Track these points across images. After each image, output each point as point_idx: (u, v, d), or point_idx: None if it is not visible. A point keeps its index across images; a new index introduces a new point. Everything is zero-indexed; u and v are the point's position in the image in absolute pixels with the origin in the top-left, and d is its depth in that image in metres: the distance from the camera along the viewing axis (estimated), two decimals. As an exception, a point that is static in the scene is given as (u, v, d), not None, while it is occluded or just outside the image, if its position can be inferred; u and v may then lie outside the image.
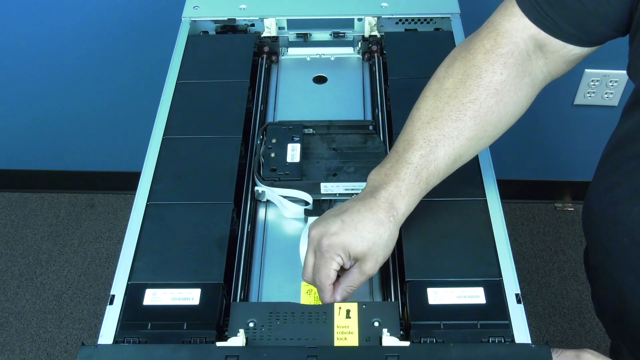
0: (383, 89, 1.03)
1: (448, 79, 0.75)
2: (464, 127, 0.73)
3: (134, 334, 0.69)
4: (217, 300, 0.71)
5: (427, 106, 0.75)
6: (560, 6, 0.71)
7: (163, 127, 0.92)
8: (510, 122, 0.77)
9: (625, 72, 0.73)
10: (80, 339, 1.78)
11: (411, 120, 0.76)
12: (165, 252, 0.77)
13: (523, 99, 0.76)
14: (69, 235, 2.02)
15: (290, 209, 0.88)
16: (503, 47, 0.74)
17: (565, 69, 0.77)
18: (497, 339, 0.68)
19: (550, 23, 0.72)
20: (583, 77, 1.68)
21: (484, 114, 0.73)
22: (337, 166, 0.89)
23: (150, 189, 0.84)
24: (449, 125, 0.73)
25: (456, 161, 0.75)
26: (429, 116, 0.74)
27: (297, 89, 1.07)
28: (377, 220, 0.70)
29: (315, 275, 0.71)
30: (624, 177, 0.74)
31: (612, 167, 0.78)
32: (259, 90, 1.04)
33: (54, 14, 1.64)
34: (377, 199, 0.71)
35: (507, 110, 0.75)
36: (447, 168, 0.74)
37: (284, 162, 0.88)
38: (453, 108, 0.73)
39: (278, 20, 1.10)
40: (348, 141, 0.92)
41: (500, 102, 0.74)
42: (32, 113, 1.90)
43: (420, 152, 0.72)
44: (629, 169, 0.73)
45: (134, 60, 1.73)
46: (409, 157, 0.72)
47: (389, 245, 0.72)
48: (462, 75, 0.74)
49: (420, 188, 0.73)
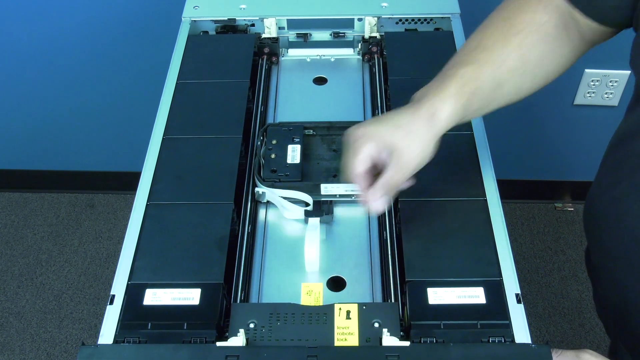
0: (383, 89, 1.03)
1: (494, 18, 0.78)
2: (508, 56, 0.74)
3: (134, 334, 0.69)
4: (217, 300, 0.71)
5: (475, 37, 0.78)
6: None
7: (163, 127, 0.92)
8: (551, 72, 0.78)
9: (624, 73, 0.74)
10: (80, 339, 1.78)
11: (460, 49, 0.79)
12: (165, 252, 0.77)
13: (565, 49, 0.78)
14: (69, 235, 2.02)
15: (291, 210, 0.88)
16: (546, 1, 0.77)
17: (583, 49, 0.80)
18: (497, 339, 0.68)
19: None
20: (583, 77, 1.68)
21: (527, 47, 0.75)
22: (337, 167, 0.88)
23: (150, 189, 0.84)
24: (494, 51, 0.75)
25: (497, 88, 0.75)
26: (475, 44, 0.77)
27: (297, 90, 1.07)
28: (416, 118, 0.70)
29: (347, 169, 0.71)
30: (626, 174, 0.74)
31: (614, 165, 0.78)
32: (259, 91, 1.04)
33: (54, 14, 1.64)
34: (419, 106, 0.71)
35: (549, 53, 0.77)
36: (489, 91, 0.74)
37: (284, 163, 0.88)
38: (499, 37, 0.76)
39: (278, 20, 1.10)
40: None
41: (542, 42, 0.76)
42: (32, 113, 1.90)
43: (466, 68, 0.73)
44: (631, 166, 0.74)
45: (134, 60, 1.73)
46: (455, 72, 0.73)
47: (427, 146, 0.71)
48: (509, 13, 0.77)
49: (462, 101, 0.72)
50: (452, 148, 0.88)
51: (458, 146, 0.88)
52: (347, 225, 0.86)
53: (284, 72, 1.10)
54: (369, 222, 0.87)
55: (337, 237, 0.85)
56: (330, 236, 0.85)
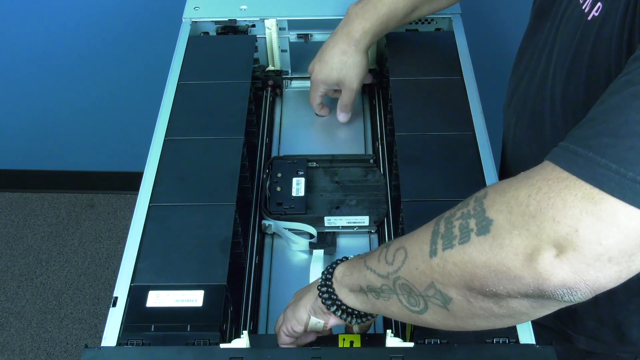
0: (383, 122, 1.06)
1: None
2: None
3: (138, 336, 0.69)
4: (220, 302, 0.71)
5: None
6: None
7: (165, 129, 0.92)
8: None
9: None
10: (80, 339, 1.78)
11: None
12: (168, 253, 0.77)
13: None
14: (69, 235, 2.02)
15: (296, 243, 0.91)
16: None
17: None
18: (501, 340, 0.68)
19: None
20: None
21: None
22: (340, 199, 0.93)
23: (152, 190, 0.84)
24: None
25: (413, 11, 0.98)
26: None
27: (300, 121, 1.11)
28: (342, 51, 0.98)
29: (311, 102, 1.06)
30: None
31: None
32: (264, 123, 1.08)
33: (54, 14, 1.63)
34: (344, 33, 0.98)
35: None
36: (404, 15, 0.98)
37: (290, 196, 0.93)
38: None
39: (279, 21, 1.09)
40: (350, 174, 0.97)
41: None
42: (32, 113, 1.90)
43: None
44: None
45: (134, 61, 1.73)
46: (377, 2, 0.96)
47: (357, 67, 0.99)
48: None
49: (381, 27, 0.98)
50: (454, 148, 0.88)
51: (460, 146, 0.88)
52: (350, 255, 0.88)
53: (287, 103, 1.15)
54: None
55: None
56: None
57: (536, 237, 0.47)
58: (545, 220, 0.47)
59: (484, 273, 0.51)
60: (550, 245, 0.47)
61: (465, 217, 0.53)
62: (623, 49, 0.61)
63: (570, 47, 0.70)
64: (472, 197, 0.54)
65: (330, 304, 0.66)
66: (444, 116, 0.92)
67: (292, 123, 1.11)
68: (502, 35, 1.49)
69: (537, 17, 0.83)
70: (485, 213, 0.51)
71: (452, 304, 0.55)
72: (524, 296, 0.50)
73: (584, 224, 0.45)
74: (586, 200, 0.45)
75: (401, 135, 0.90)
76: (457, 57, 1.03)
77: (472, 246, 0.51)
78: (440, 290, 0.55)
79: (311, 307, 0.69)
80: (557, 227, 0.46)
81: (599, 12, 0.65)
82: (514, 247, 0.48)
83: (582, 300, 0.48)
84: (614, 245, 0.45)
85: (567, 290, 0.47)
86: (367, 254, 0.65)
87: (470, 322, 0.57)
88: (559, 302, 0.49)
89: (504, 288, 0.50)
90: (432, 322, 0.59)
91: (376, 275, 0.61)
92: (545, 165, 0.49)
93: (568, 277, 0.47)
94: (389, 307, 0.61)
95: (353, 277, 0.64)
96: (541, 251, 0.47)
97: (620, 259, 0.46)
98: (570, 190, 0.46)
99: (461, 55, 1.03)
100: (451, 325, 0.58)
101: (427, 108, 0.94)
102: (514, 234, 0.48)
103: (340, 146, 1.06)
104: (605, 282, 0.47)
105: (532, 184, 0.49)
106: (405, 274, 0.57)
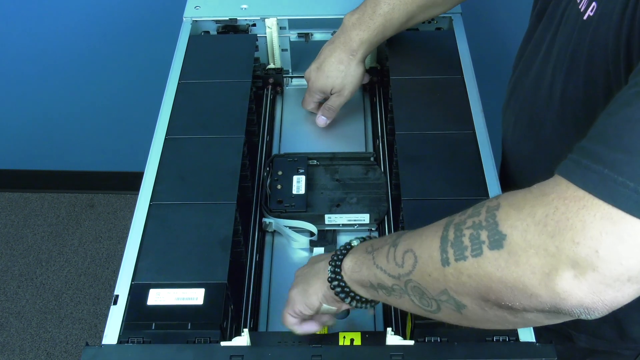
0: (384, 119, 1.06)
1: None
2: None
3: (138, 334, 0.69)
4: (221, 300, 0.71)
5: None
6: None
7: (165, 127, 0.92)
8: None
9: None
10: (80, 339, 1.78)
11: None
12: (168, 252, 0.77)
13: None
14: (69, 235, 2.02)
15: (297, 240, 0.92)
16: None
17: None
18: (501, 338, 0.68)
19: None
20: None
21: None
22: (340, 197, 0.93)
23: (153, 189, 0.84)
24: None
25: (409, 20, 0.98)
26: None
27: (300, 119, 1.11)
28: (339, 60, 0.99)
29: (304, 106, 1.08)
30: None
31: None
32: (265, 121, 1.08)
33: (54, 13, 1.63)
34: (341, 42, 0.99)
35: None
36: (399, 25, 0.98)
37: (290, 194, 0.93)
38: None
39: (279, 20, 1.10)
40: (350, 172, 0.97)
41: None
42: (32, 113, 1.90)
43: (382, 6, 0.96)
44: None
45: (135, 60, 1.73)
46: (374, 9, 0.96)
47: (353, 76, 1.01)
48: None
49: (378, 37, 0.99)
50: (454, 147, 0.88)
51: (460, 145, 0.88)
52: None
53: (287, 101, 1.15)
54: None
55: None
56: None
57: (554, 257, 0.47)
58: (565, 242, 0.46)
59: (500, 288, 0.50)
60: (568, 265, 0.46)
61: (477, 228, 0.52)
62: (621, 50, 0.61)
63: (569, 47, 0.70)
64: (483, 206, 0.53)
65: (344, 296, 0.67)
66: (445, 115, 0.93)
67: (292, 121, 1.11)
68: (502, 35, 1.49)
69: (537, 18, 0.83)
70: (498, 227, 0.50)
71: (466, 310, 0.55)
72: (540, 311, 0.50)
73: (604, 245, 0.45)
74: (605, 220, 0.45)
75: (401, 134, 0.90)
76: (458, 56, 1.03)
77: (487, 260, 0.51)
78: (454, 297, 0.55)
79: (323, 296, 0.69)
80: (576, 249, 0.46)
81: (594, 12, 0.65)
82: (531, 266, 0.48)
83: (598, 317, 0.48)
84: (635, 265, 0.45)
85: (585, 309, 0.47)
86: (373, 247, 0.64)
87: (483, 325, 0.57)
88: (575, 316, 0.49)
89: (520, 304, 0.50)
90: (446, 320, 0.59)
91: (387, 275, 0.61)
92: (559, 182, 0.48)
93: (586, 297, 0.46)
94: (401, 304, 0.62)
95: (362, 274, 0.64)
96: (559, 271, 0.47)
97: (639, 278, 0.46)
98: (589, 211, 0.46)
99: (461, 54, 1.03)
100: (464, 324, 0.58)
101: (428, 107, 0.94)
102: (530, 253, 0.48)
103: (340, 144, 1.06)
104: (623, 301, 0.47)
105: (549, 202, 0.48)
106: (418, 278, 0.57)
